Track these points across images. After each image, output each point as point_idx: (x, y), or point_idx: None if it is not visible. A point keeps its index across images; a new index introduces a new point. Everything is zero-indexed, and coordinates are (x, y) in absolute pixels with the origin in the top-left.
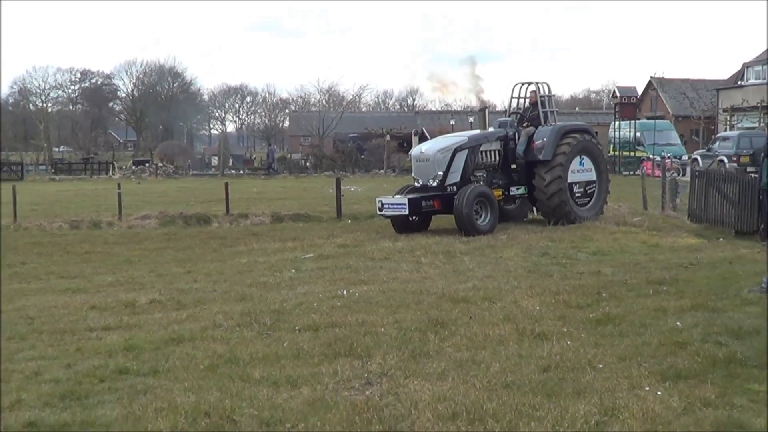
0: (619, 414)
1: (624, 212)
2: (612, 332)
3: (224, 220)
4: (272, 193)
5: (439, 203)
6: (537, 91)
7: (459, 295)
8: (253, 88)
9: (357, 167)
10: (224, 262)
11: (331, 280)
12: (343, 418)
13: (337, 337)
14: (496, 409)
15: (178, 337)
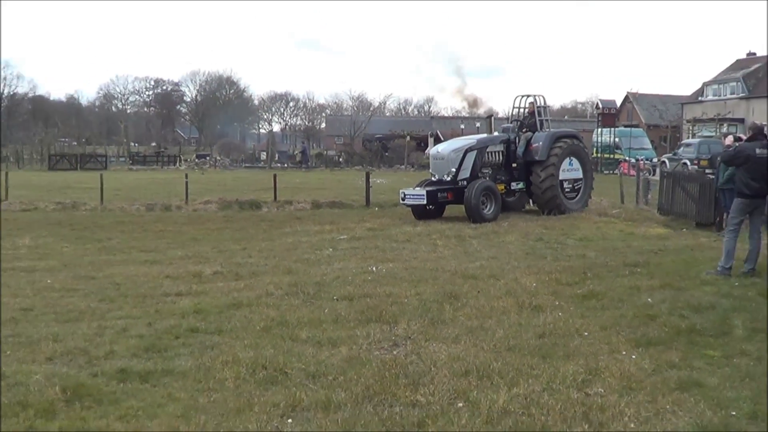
0: (601, 373)
1: (605, 205)
2: (595, 306)
3: (272, 206)
4: (312, 184)
5: (452, 195)
6: (534, 102)
7: (469, 273)
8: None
9: (382, 163)
10: (273, 241)
11: (362, 257)
12: (375, 372)
13: (369, 305)
14: (501, 368)
15: (237, 302)
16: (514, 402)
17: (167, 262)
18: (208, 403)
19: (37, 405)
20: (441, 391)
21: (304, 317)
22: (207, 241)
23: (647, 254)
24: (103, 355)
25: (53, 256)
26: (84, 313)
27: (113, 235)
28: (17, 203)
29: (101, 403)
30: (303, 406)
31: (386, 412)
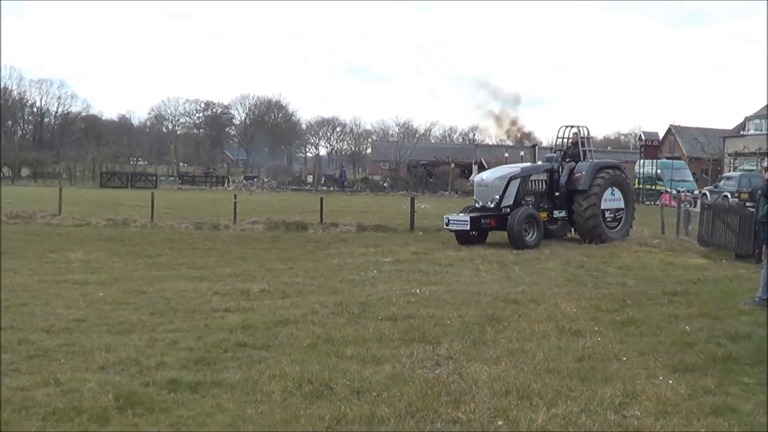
0: (637, 397)
1: (646, 235)
2: (634, 332)
3: (318, 228)
4: (357, 207)
5: (495, 221)
6: (578, 132)
7: (510, 297)
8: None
9: (426, 189)
10: (319, 262)
11: (406, 280)
12: (418, 390)
13: (412, 326)
14: (540, 389)
15: (284, 319)
16: (552, 422)
17: (215, 279)
18: (256, 415)
19: (90, 411)
20: (481, 409)
21: (349, 335)
22: (254, 260)
23: (686, 284)
24: (154, 365)
25: (105, 270)
26: (135, 326)
27: (163, 251)
28: (70, 218)
29: (152, 411)
30: (347, 420)
31: (428, 427)
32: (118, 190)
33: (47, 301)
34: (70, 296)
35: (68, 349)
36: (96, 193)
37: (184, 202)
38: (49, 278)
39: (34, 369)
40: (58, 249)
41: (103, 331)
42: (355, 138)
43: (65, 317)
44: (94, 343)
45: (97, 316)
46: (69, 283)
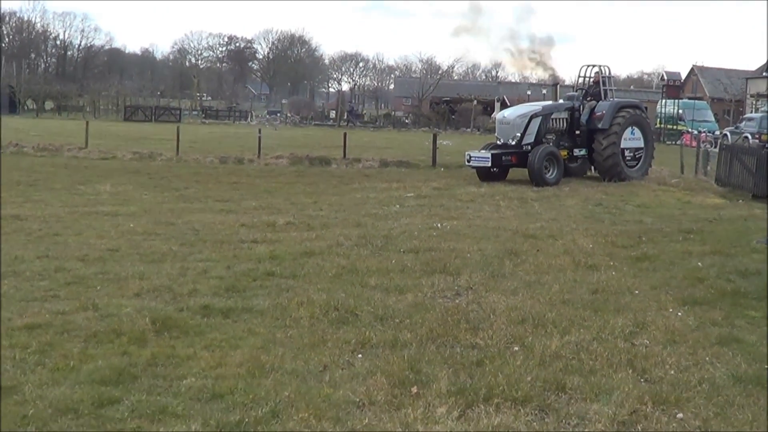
0: (647, 327)
1: (665, 175)
2: (648, 267)
3: (341, 163)
4: (379, 143)
5: (516, 159)
6: (600, 72)
7: (529, 232)
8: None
9: (448, 125)
10: (342, 196)
11: (427, 215)
12: (439, 317)
13: (433, 258)
14: (555, 318)
15: (310, 251)
16: (565, 348)
17: (242, 212)
18: (285, 338)
19: (129, 333)
20: (498, 335)
21: (372, 266)
22: (279, 193)
23: (702, 222)
24: (186, 293)
25: (133, 202)
26: (166, 255)
27: (189, 185)
28: (96, 151)
29: (188, 335)
30: (372, 344)
31: (448, 351)
32: (143, 124)
33: (80, 231)
34: (102, 227)
35: (103, 277)
36: (120, 127)
37: (209, 136)
38: (80, 209)
39: (72, 295)
40: (87, 181)
41: (135, 260)
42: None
43: (98, 247)
44: (127, 271)
45: (129, 246)
46: (99, 215)
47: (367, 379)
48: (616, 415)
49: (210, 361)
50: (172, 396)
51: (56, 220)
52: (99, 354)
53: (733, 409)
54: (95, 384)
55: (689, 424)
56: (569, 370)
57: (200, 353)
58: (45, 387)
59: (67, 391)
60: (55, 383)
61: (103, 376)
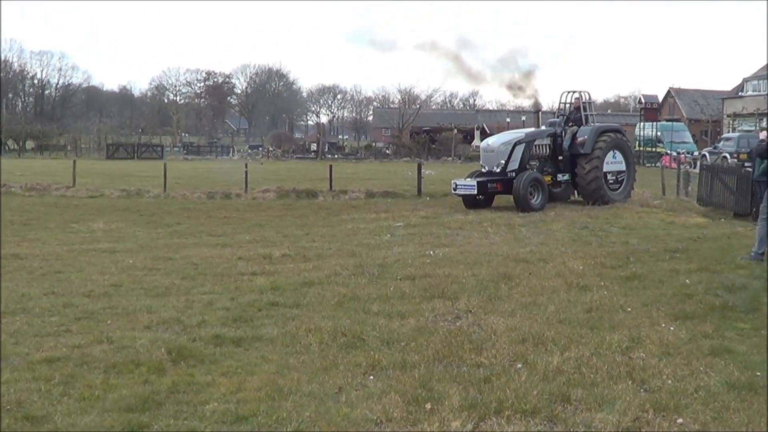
0: (642, 341)
1: (647, 196)
2: (637, 286)
3: (328, 195)
4: (363, 174)
5: (501, 186)
6: (580, 98)
7: (520, 257)
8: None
9: (429, 155)
10: (333, 227)
11: (419, 243)
12: (443, 339)
13: (430, 284)
14: (554, 336)
15: (309, 281)
16: (566, 363)
17: (237, 246)
18: (298, 363)
19: (148, 363)
20: (502, 354)
21: (372, 294)
22: (270, 226)
23: (686, 241)
24: (195, 324)
25: (128, 239)
26: (170, 289)
27: (181, 220)
28: (84, 190)
29: (203, 363)
30: (382, 366)
31: (455, 370)
32: (125, 162)
33: (81, 268)
34: (102, 263)
35: (112, 311)
36: (104, 165)
37: (193, 172)
38: (77, 247)
39: (84, 329)
40: (79, 219)
41: (140, 295)
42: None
43: (102, 283)
44: (134, 305)
45: (132, 281)
46: (98, 252)
47: (381, 398)
48: (620, 422)
49: (229, 386)
50: (198, 420)
51: (56, 257)
52: (121, 383)
53: (729, 412)
54: (123, 411)
55: (689, 427)
56: (572, 383)
57: (219, 380)
58: (74, 416)
59: (96, 419)
60: (83, 412)
61: (129, 403)
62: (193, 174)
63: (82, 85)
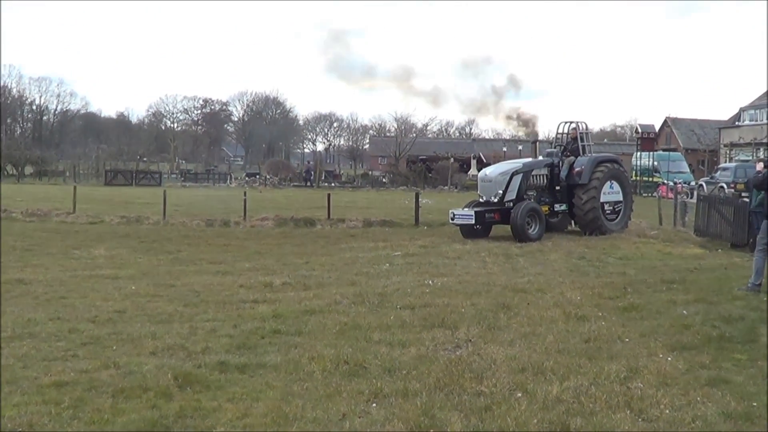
0: (640, 372)
1: (644, 227)
2: (635, 317)
3: (326, 223)
4: (360, 203)
5: (498, 215)
6: (577, 128)
7: (518, 287)
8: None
9: (426, 184)
10: (332, 256)
11: (418, 272)
12: (443, 368)
13: (430, 314)
14: (553, 366)
15: (310, 309)
16: (565, 393)
17: (237, 273)
18: (302, 390)
19: (155, 388)
20: (502, 383)
21: (373, 322)
22: (270, 255)
23: (683, 272)
24: (200, 350)
25: (130, 265)
26: (173, 316)
27: (181, 247)
28: (84, 216)
29: (209, 389)
30: (384, 393)
31: (457, 398)
32: (124, 188)
33: (85, 294)
34: (105, 290)
35: (117, 337)
36: (103, 191)
37: (192, 199)
38: (80, 273)
39: (91, 354)
40: (81, 245)
41: (144, 321)
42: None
43: (106, 309)
44: (139, 331)
45: (135, 308)
46: (100, 278)
47: (385, 425)
48: None
49: (235, 412)
50: None
51: (59, 283)
52: (129, 408)
53: None
54: None
55: None
56: (571, 413)
57: (225, 405)
58: None
59: None
60: None
61: (138, 427)
62: (191, 201)
63: (80, 111)
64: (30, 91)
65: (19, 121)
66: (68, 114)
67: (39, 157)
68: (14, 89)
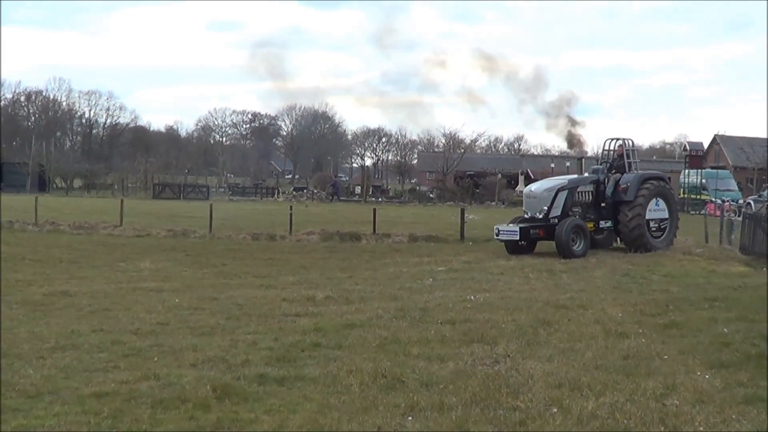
0: (677, 389)
1: (690, 244)
2: (675, 334)
3: (371, 238)
4: (406, 218)
5: (543, 232)
6: (623, 145)
7: (560, 303)
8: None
9: (473, 199)
10: (376, 271)
11: (460, 287)
12: (480, 383)
13: (470, 329)
14: (590, 382)
15: (351, 323)
16: (601, 409)
17: (281, 287)
18: (339, 403)
19: (194, 400)
20: (538, 398)
21: (413, 337)
22: (314, 269)
23: (727, 290)
24: (240, 363)
25: (175, 278)
26: (215, 329)
27: (226, 261)
28: (131, 229)
29: (247, 401)
30: (420, 407)
31: (492, 413)
32: (172, 201)
33: (128, 306)
34: (149, 302)
35: (158, 349)
36: (150, 205)
37: (238, 213)
38: (124, 286)
39: (132, 366)
40: (126, 258)
41: (186, 334)
42: (401, 148)
43: (149, 321)
44: (181, 343)
45: (178, 320)
46: (144, 291)
47: None
48: None
49: (272, 424)
50: None
51: (104, 295)
52: (168, 419)
53: None
54: None
55: None
56: (606, 429)
57: (262, 417)
58: None
59: None
60: None
61: None
62: (238, 215)
63: (129, 124)
64: (79, 104)
65: (69, 134)
66: (118, 127)
67: (88, 170)
68: (64, 102)
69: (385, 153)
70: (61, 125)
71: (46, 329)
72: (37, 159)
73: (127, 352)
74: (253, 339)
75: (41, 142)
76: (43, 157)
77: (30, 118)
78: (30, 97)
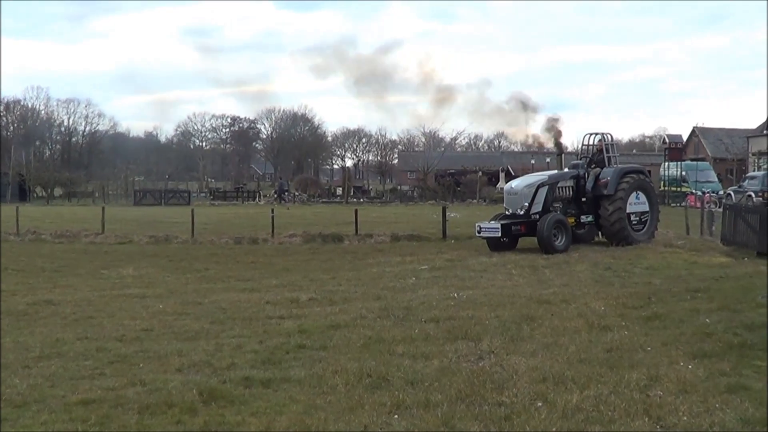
0: (660, 380)
1: (670, 236)
2: (658, 326)
3: (354, 239)
4: (388, 218)
5: (525, 228)
6: (603, 139)
7: (543, 298)
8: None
9: (454, 197)
10: (359, 271)
11: (443, 285)
12: (465, 379)
13: (454, 326)
14: (574, 375)
15: (335, 324)
16: (585, 401)
17: (264, 290)
18: (325, 404)
19: (180, 404)
20: (522, 393)
21: (397, 336)
22: (297, 271)
23: (708, 281)
24: (225, 366)
25: (158, 284)
26: (199, 333)
27: (209, 266)
28: (113, 236)
29: (234, 404)
30: (406, 405)
31: (477, 409)
32: (153, 208)
33: (112, 313)
34: (132, 309)
35: (144, 355)
36: (132, 211)
37: (220, 218)
38: (108, 293)
39: (118, 372)
40: (109, 266)
41: (171, 339)
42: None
43: (133, 327)
44: (166, 349)
45: (162, 326)
46: (128, 297)
47: None
48: None
49: (259, 426)
50: None
51: (87, 303)
52: (155, 424)
53: None
54: None
55: None
56: (590, 421)
57: (249, 419)
58: None
59: None
60: None
61: None
62: (220, 219)
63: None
64: (58, 112)
65: (48, 143)
66: (97, 135)
67: (68, 178)
68: (42, 111)
69: (366, 153)
70: (40, 134)
71: (30, 338)
72: (16, 168)
73: (113, 359)
74: (238, 342)
75: (20, 151)
76: (23, 166)
77: (9, 127)
78: (8, 106)
